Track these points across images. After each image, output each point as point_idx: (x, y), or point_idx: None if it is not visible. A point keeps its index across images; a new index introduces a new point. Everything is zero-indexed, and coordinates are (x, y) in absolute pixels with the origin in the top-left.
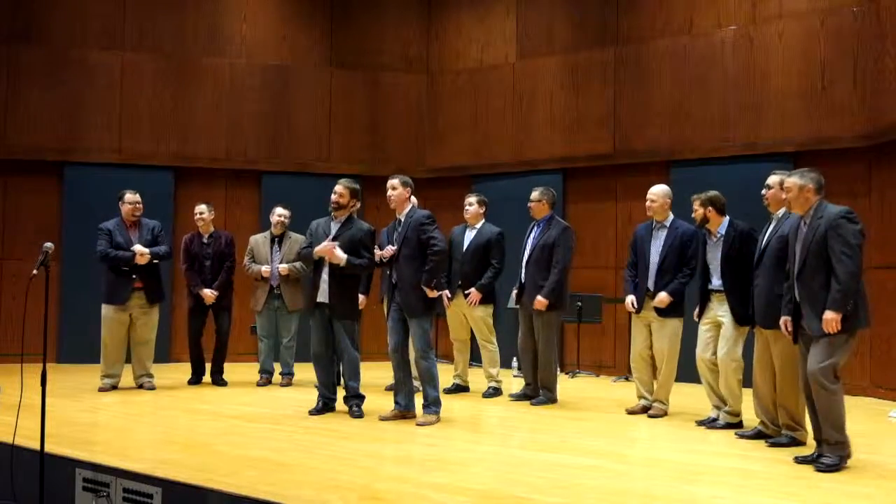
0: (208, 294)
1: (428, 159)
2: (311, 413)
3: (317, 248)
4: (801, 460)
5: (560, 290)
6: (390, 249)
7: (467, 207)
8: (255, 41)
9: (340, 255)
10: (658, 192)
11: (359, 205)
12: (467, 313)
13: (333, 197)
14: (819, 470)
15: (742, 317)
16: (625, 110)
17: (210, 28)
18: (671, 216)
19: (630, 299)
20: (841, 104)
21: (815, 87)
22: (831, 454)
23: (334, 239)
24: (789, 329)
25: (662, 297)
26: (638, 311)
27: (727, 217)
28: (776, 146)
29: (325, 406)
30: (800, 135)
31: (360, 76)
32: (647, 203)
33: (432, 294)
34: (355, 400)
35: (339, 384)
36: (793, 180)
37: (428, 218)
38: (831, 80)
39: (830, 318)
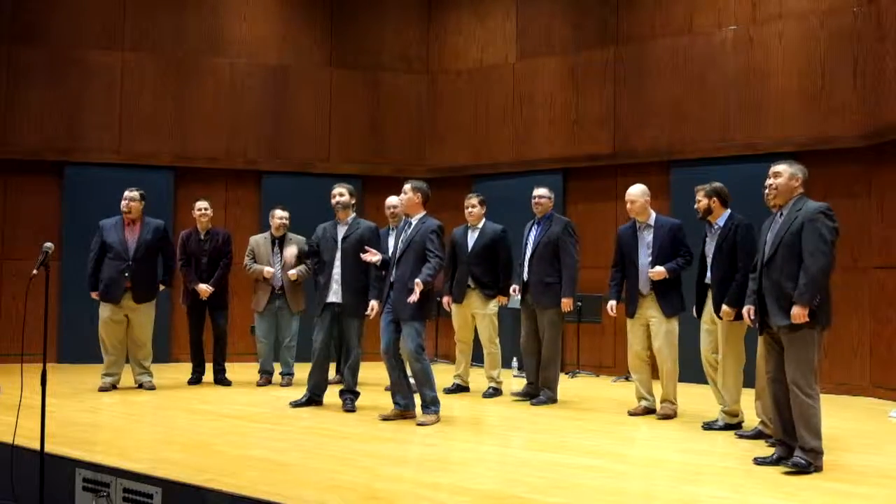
0: (203, 289)
1: (428, 159)
2: (293, 405)
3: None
4: (760, 461)
5: (575, 285)
6: (371, 256)
7: (470, 210)
8: (255, 41)
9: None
10: (636, 192)
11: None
12: (475, 313)
13: (340, 198)
14: (786, 472)
15: (718, 308)
16: (625, 110)
17: (210, 28)
18: (653, 214)
19: (611, 304)
20: (841, 104)
21: (815, 87)
22: (801, 458)
23: (343, 240)
24: (752, 317)
25: (658, 270)
26: (632, 314)
27: (728, 210)
28: (776, 146)
29: (309, 400)
30: (800, 135)
31: (360, 76)
32: (628, 206)
33: (418, 289)
34: (350, 395)
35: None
36: (783, 167)
37: (438, 228)
38: (831, 80)
39: (798, 313)
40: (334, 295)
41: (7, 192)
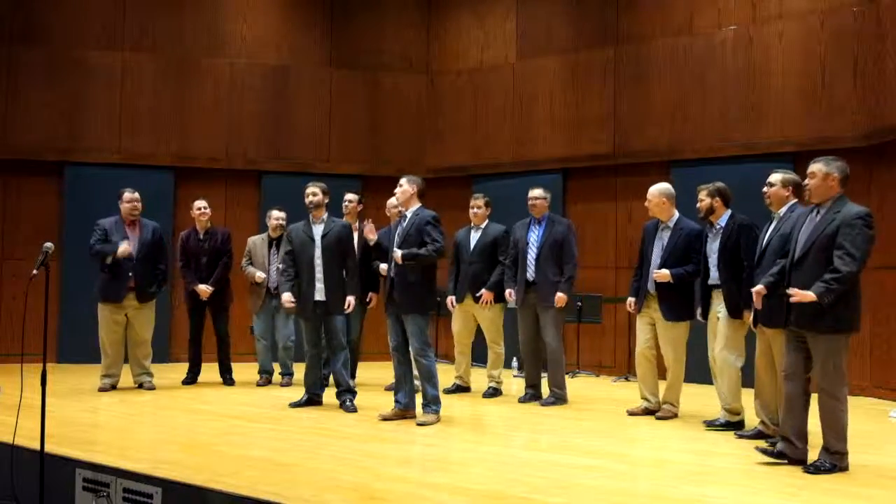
0: (203, 289)
1: (428, 159)
2: (293, 406)
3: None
4: (761, 450)
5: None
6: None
7: (475, 210)
8: (255, 41)
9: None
10: (652, 191)
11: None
12: (477, 314)
13: (312, 198)
14: (807, 471)
15: (734, 309)
16: (625, 110)
17: (210, 28)
18: (676, 215)
19: (629, 301)
20: (841, 104)
21: (815, 87)
22: (826, 461)
23: (322, 237)
24: (759, 293)
25: (663, 272)
26: (638, 310)
27: (729, 210)
28: (776, 146)
29: (308, 400)
30: (800, 135)
31: (360, 76)
32: (646, 204)
33: (396, 258)
34: (348, 395)
35: (327, 384)
36: (818, 166)
37: (434, 219)
38: (831, 80)
39: (806, 295)
40: (319, 293)
41: (7, 192)
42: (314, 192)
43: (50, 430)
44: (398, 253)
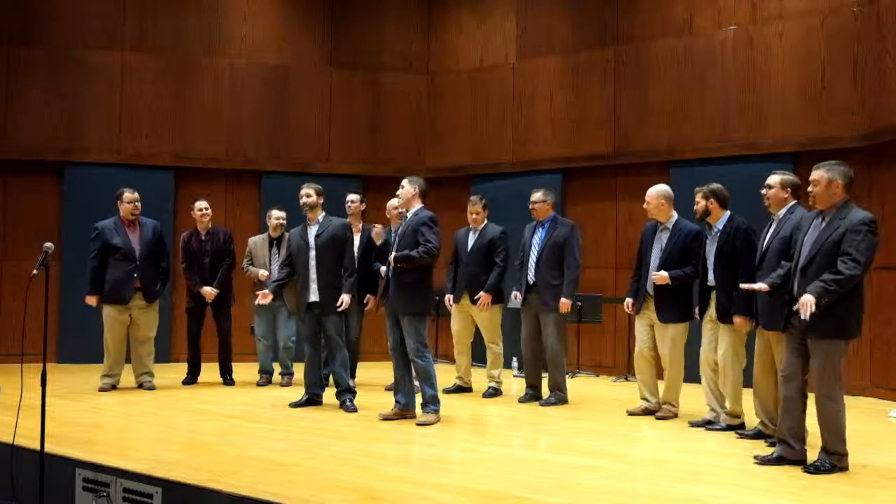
0: (209, 291)
1: (428, 159)
2: (293, 405)
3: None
4: (761, 460)
5: (576, 287)
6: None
7: (473, 216)
8: (255, 41)
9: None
10: (651, 192)
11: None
12: (475, 314)
13: (302, 200)
14: (807, 471)
15: (723, 313)
16: (625, 110)
17: (210, 28)
18: (675, 216)
19: (627, 301)
20: (841, 104)
21: (815, 87)
22: (826, 461)
23: (316, 237)
24: (760, 289)
25: (662, 274)
26: (637, 311)
27: (728, 212)
28: (776, 146)
29: (309, 400)
30: (800, 135)
31: (360, 76)
32: (644, 205)
33: (391, 261)
34: (348, 395)
35: (327, 384)
36: (820, 173)
37: (430, 219)
38: (831, 80)
39: (807, 301)
40: (314, 294)
41: (7, 192)
42: (308, 194)
43: (50, 430)
44: (391, 255)
